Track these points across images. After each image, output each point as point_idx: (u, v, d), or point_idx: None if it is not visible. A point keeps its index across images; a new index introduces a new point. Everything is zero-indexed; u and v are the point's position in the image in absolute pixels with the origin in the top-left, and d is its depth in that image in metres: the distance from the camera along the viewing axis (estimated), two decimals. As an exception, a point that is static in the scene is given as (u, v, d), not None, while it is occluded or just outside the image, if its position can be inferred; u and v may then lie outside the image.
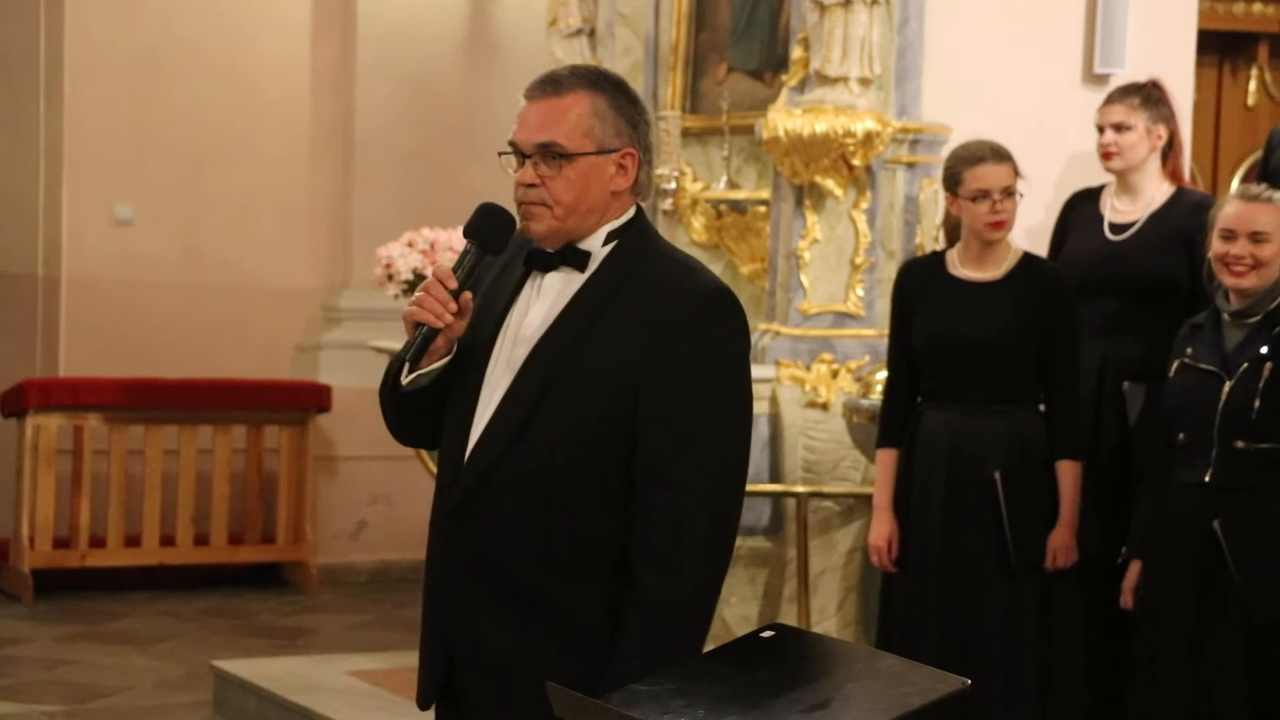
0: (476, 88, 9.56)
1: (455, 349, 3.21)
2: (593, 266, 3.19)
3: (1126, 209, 5.96)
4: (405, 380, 3.22)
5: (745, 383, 3.20)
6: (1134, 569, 5.18)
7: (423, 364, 3.20)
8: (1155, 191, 5.95)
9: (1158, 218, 5.90)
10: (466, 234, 3.21)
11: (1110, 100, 5.98)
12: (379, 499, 9.21)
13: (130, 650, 7.87)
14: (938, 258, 5.57)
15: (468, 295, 3.17)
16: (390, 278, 7.28)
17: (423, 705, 3.32)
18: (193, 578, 9.07)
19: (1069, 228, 6.09)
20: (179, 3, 9.43)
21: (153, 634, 8.16)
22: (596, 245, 3.20)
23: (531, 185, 3.16)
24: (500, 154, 3.21)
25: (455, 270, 3.17)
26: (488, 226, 3.22)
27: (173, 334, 9.42)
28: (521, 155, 3.18)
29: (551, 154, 3.14)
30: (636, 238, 3.22)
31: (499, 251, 3.24)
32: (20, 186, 9.53)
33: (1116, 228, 5.95)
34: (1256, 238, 5.02)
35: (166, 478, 8.96)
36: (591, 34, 7.66)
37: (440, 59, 9.56)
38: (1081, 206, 6.08)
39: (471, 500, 3.17)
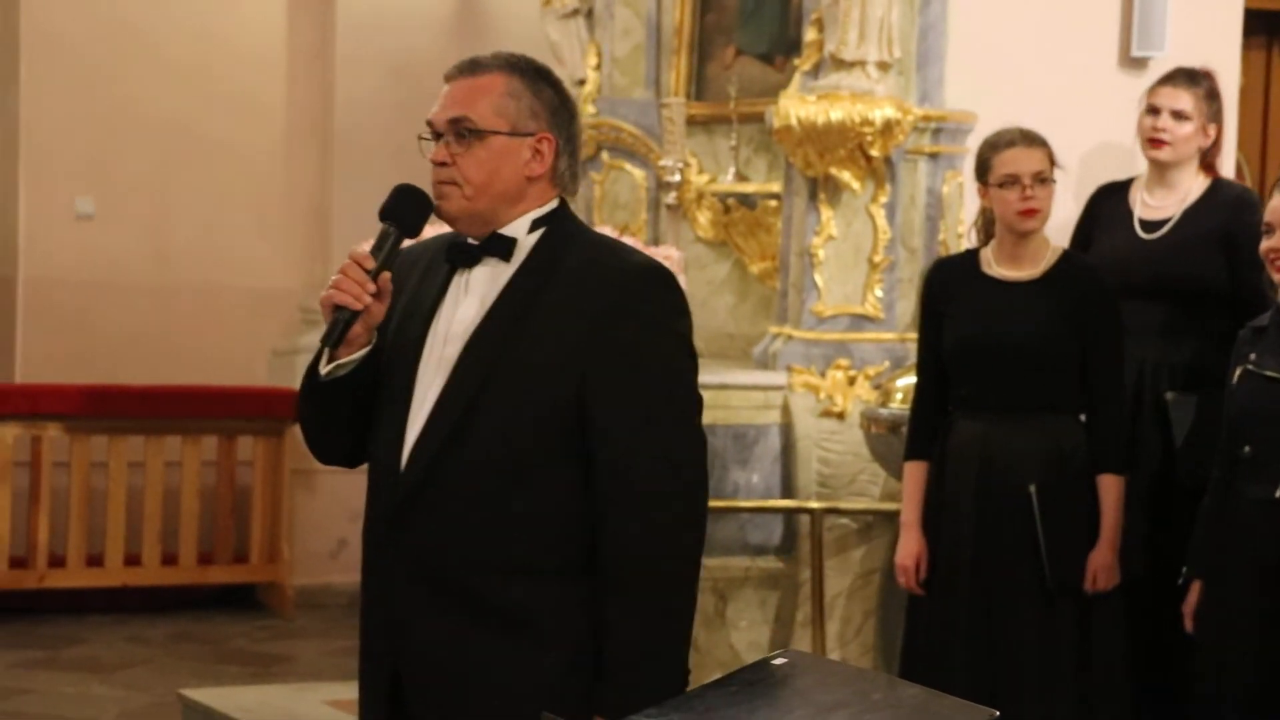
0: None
1: (375, 339, 3.30)
2: (520, 256, 3.31)
3: (1159, 204, 5.94)
4: (324, 370, 3.30)
5: (692, 359, 3.33)
6: (1195, 590, 5.14)
7: (341, 353, 3.29)
8: (1190, 185, 5.93)
9: (1193, 213, 5.89)
10: (382, 216, 3.32)
11: (1171, 82, 5.92)
12: (360, 516, 9.13)
13: (92, 678, 7.86)
14: (970, 256, 5.55)
15: (386, 276, 3.27)
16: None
17: None
18: (160, 600, 9.06)
19: (1096, 225, 6.06)
20: (145, -23, 9.43)
21: (116, 661, 8.15)
22: (522, 233, 3.32)
23: (443, 164, 3.29)
24: (420, 137, 3.34)
25: (373, 253, 3.27)
26: (405, 207, 3.32)
27: (138, 338, 9.41)
28: (437, 135, 3.32)
29: (462, 130, 3.28)
30: (563, 224, 3.35)
31: (416, 233, 3.34)
32: (-26, 178, 9.52)
33: (1148, 225, 5.93)
34: None
35: (131, 492, 8.94)
36: (589, 15, 7.66)
37: (425, 44, 9.55)
38: (1109, 201, 6.06)
39: (411, 503, 3.26)
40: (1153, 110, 5.90)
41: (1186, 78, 5.92)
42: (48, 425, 8.83)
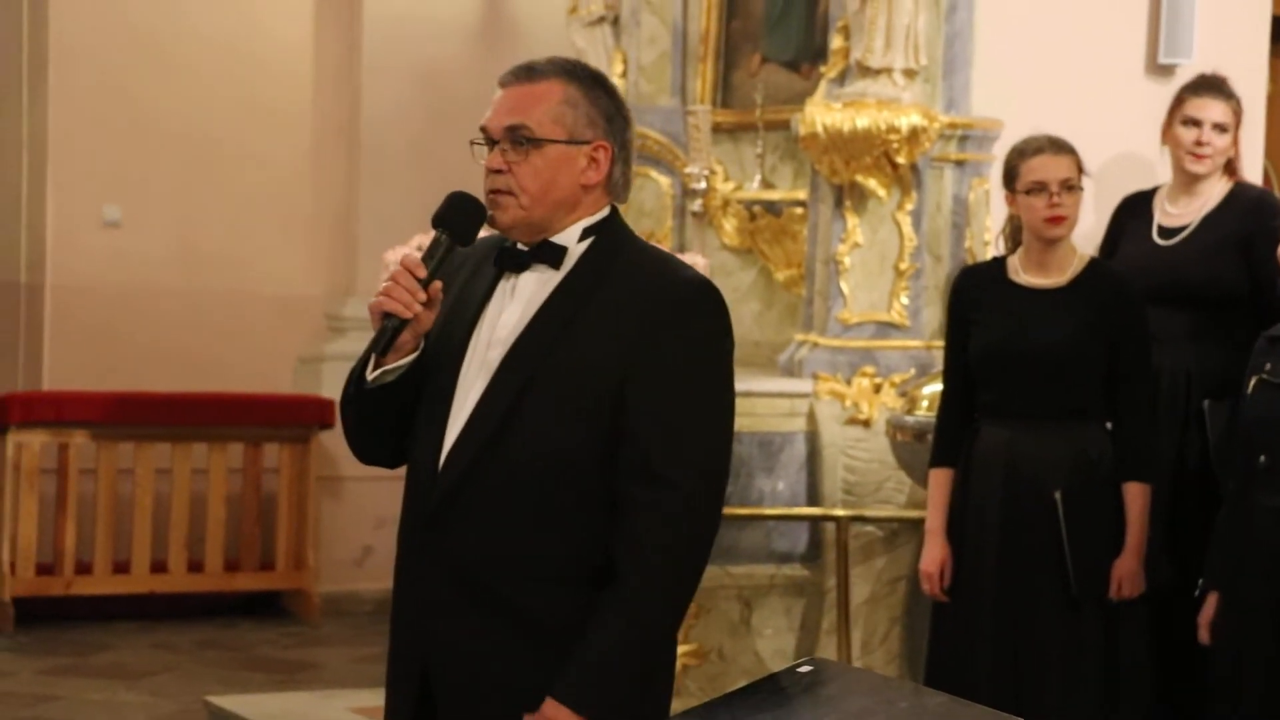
0: (491, 80, 9.47)
1: (422, 345, 3.29)
2: (569, 263, 3.29)
3: (1178, 212, 5.95)
4: (370, 376, 3.29)
5: (730, 378, 3.32)
6: (1211, 601, 5.13)
7: (388, 359, 3.28)
8: (1211, 191, 5.92)
9: (1211, 219, 5.89)
10: (435, 223, 3.30)
11: (1207, 93, 5.90)
12: (386, 522, 9.20)
13: (119, 685, 7.88)
14: (998, 263, 5.55)
15: (437, 285, 3.26)
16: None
17: None
18: (186, 607, 9.08)
19: (1120, 234, 6.07)
20: (172, -11, 9.46)
21: (143, 667, 8.17)
22: (572, 241, 3.30)
23: (498, 171, 3.27)
24: (472, 142, 3.31)
25: (425, 260, 3.25)
26: (458, 215, 3.31)
27: (165, 345, 9.43)
28: (492, 142, 3.29)
29: (519, 139, 3.26)
30: (613, 234, 3.33)
31: (469, 241, 3.32)
32: (1, 186, 9.55)
33: (1166, 231, 5.94)
34: None
35: (158, 499, 8.97)
36: (615, 22, 7.67)
37: (452, 49, 9.58)
38: (1133, 211, 6.07)
39: (448, 506, 3.25)
40: (1193, 123, 5.88)
41: (1218, 88, 5.92)
42: (74, 432, 8.86)
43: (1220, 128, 5.86)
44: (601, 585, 3.20)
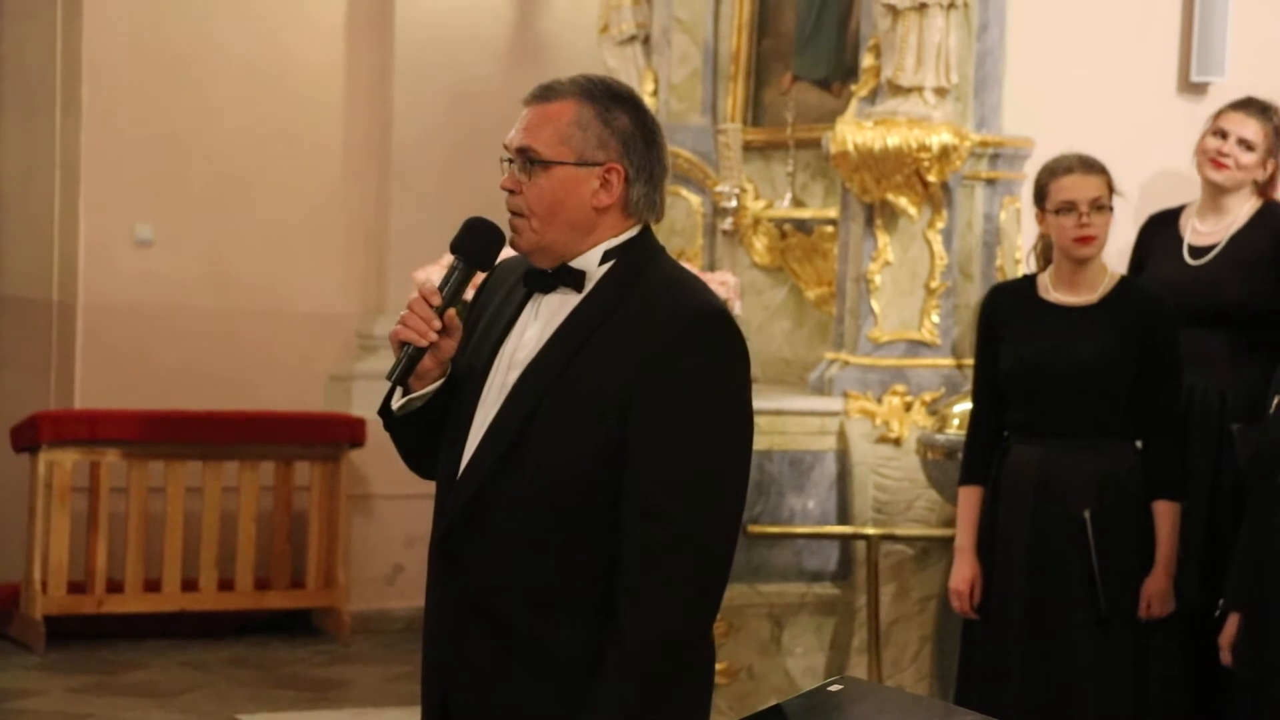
0: (522, 99, 9.57)
1: (450, 370, 3.28)
2: (588, 286, 3.26)
3: (1208, 230, 5.94)
4: (396, 405, 3.30)
5: (743, 410, 3.22)
6: (1232, 622, 5.13)
7: (414, 386, 3.28)
8: (1239, 210, 5.91)
9: (1240, 238, 5.88)
10: (453, 249, 3.30)
11: (1243, 109, 5.91)
12: (416, 541, 9.22)
13: (149, 703, 7.89)
14: (1029, 281, 5.56)
15: (453, 313, 3.25)
16: (425, 303, 7.30)
17: None
18: (217, 625, 9.10)
19: (1147, 252, 6.06)
20: (205, 7, 9.48)
21: (174, 685, 8.19)
22: (592, 265, 3.27)
23: (511, 191, 3.26)
24: (502, 159, 3.30)
25: (441, 287, 3.25)
26: (475, 241, 3.30)
27: (196, 363, 9.45)
28: (513, 160, 3.29)
29: (528, 160, 3.24)
30: (636, 256, 3.28)
31: (487, 266, 3.32)
32: (34, 204, 9.59)
33: (1196, 250, 5.93)
34: None
35: (189, 518, 8.98)
36: (646, 41, 7.69)
37: (483, 67, 9.59)
38: (1160, 229, 6.06)
39: (458, 530, 3.25)
40: (1220, 133, 5.89)
41: (1259, 108, 5.92)
42: (106, 451, 8.88)
43: (1247, 144, 5.85)
44: (606, 614, 3.15)
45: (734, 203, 7.21)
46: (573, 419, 3.18)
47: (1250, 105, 5.93)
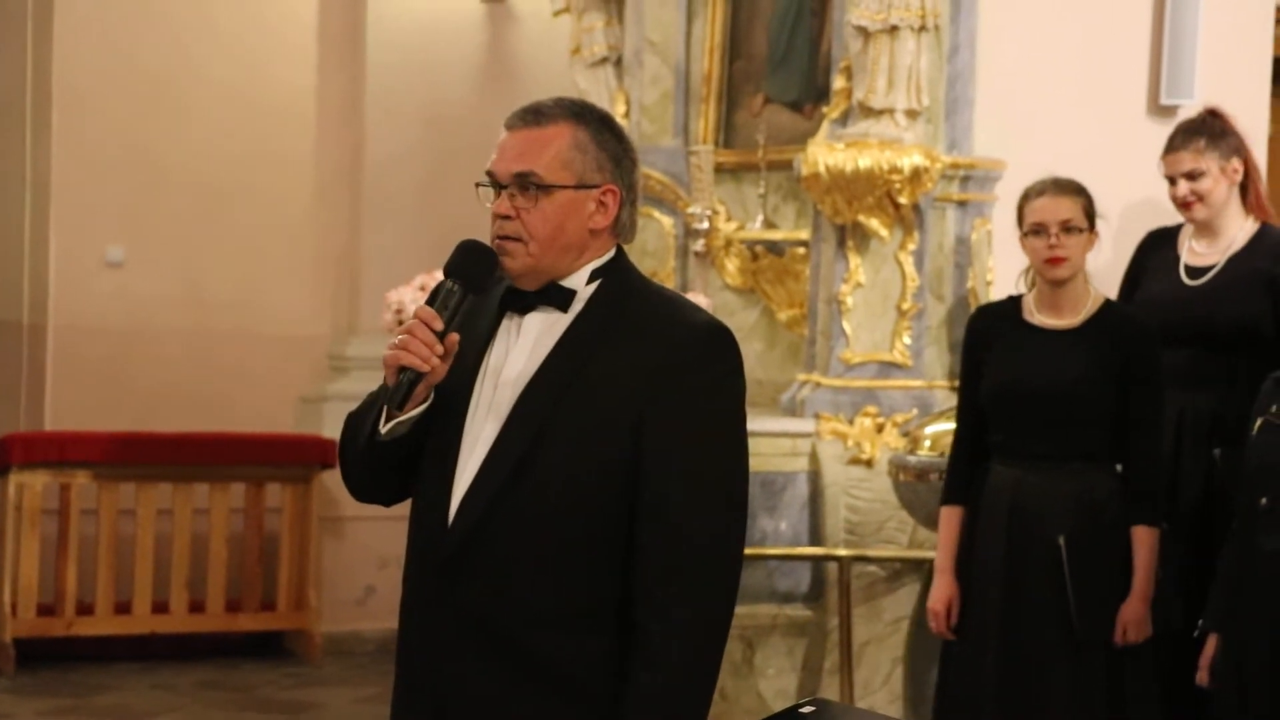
0: (494, 120, 9.46)
1: (433, 396, 3.26)
2: (578, 306, 3.27)
3: (1205, 251, 5.91)
4: (384, 429, 3.26)
5: (743, 418, 3.29)
6: (1211, 644, 5.13)
7: (403, 411, 3.25)
8: (1237, 231, 5.91)
9: (1237, 260, 5.86)
10: (448, 273, 3.27)
11: (1173, 147, 5.90)
12: (389, 562, 9.21)
13: (120, 726, 7.88)
14: (1013, 302, 5.56)
15: (454, 337, 3.23)
16: (401, 324, 7.29)
17: None
18: (188, 648, 9.08)
19: (1143, 271, 6.05)
20: (177, 28, 9.47)
21: (145, 708, 8.17)
22: (580, 284, 3.28)
23: (507, 218, 3.24)
24: (478, 185, 3.29)
25: (439, 312, 3.23)
26: (470, 264, 3.28)
27: (167, 385, 9.44)
28: (499, 186, 3.26)
29: (528, 185, 3.23)
30: (621, 276, 3.30)
31: (482, 290, 3.30)
32: (4, 225, 9.57)
33: (1194, 271, 5.91)
34: None
35: (159, 540, 8.97)
36: (618, 63, 7.70)
37: (455, 88, 9.60)
38: (1157, 248, 6.03)
39: (462, 554, 3.22)
40: (1171, 180, 5.89)
41: (1185, 135, 5.87)
42: (76, 473, 8.86)
43: (1192, 175, 5.84)
44: (618, 631, 3.17)
45: (706, 224, 7.22)
46: (583, 435, 3.18)
47: (1176, 138, 5.90)
